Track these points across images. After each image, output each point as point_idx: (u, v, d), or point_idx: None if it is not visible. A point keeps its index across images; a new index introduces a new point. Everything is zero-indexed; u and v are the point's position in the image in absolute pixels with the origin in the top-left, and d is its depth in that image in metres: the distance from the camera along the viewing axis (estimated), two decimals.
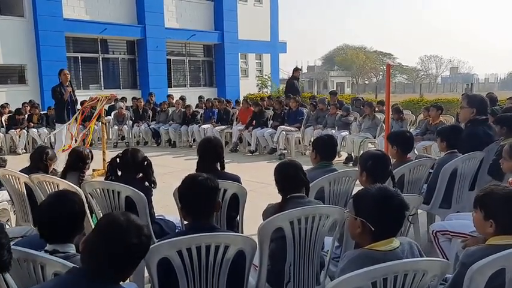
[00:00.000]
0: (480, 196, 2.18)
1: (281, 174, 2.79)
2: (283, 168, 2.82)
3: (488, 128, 4.39)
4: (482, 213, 2.13)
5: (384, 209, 1.89)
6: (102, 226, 1.69)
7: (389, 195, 1.93)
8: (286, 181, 2.75)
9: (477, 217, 2.17)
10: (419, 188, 4.02)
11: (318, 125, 9.41)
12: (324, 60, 65.81)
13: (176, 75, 18.80)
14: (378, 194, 1.93)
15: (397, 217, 1.92)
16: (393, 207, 1.90)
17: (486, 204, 2.13)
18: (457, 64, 68.22)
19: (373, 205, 1.91)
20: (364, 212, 1.92)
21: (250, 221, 3.46)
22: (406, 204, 1.95)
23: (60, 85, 8.03)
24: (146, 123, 11.62)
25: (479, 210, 2.15)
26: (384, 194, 1.93)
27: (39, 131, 10.66)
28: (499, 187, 2.17)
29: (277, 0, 21.71)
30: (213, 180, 2.37)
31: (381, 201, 1.90)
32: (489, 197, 2.13)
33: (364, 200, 1.95)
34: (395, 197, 1.92)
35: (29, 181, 3.74)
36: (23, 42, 14.00)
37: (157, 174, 3.43)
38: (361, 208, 1.95)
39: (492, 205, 2.10)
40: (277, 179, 2.80)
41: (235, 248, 2.19)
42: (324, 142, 3.65)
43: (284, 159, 2.98)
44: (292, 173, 2.75)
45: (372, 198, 1.92)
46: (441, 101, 13.04)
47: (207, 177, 2.37)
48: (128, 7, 16.45)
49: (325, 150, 3.60)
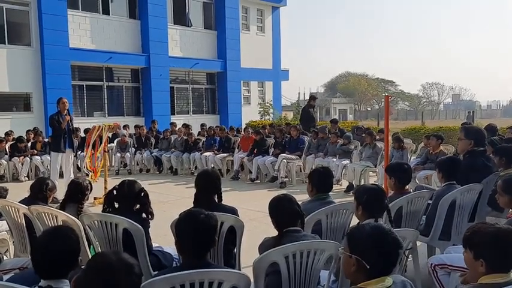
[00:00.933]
0: (468, 235, 2.15)
1: (275, 209, 2.79)
2: (277, 203, 2.82)
3: (486, 159, 4.41)
4: (471, 253, 2.11)
5: (378, 248, 1.89)
6: (93, 266, 1.70)
7: (384, 233, 1.93)
8: (280, 216, 2.75)
9: (467, 257, 2.15)
10: (418, 219, 4.00)
11: (319, 153, 9.44)
12: (326, 87, 66.45)
13: (179, 102, 19.02)
14: (373, 232, 1.93)
15: (392, 256, 1.91)
16: (387, 245, 1.90)
17: (475, 244, 2.10)
18: (459, 91, 68.68)
19: (367, 243, 1.90)
20: (358, 249, 1.91)
21: (251, 251, 3.44)
22: (401, 243, 1.95)
23: (59, 113, 8.03)
24: (148, 150, 11.69)
25: (469, 250, 2.13)
26: (378, 232, 1.93)
27: (42, 159, 10.72)
28: (486, 225, 2.15)
29: (279, 29, 22.15)
30: (213, 219, 2.37)
31: (376, 240, 1.90)
32: (477, 236, 2.10)
33: (359, 238, 1.94)
34: (390, 235, 1.92)
35: (28, 212, 3.76)
36: (29, 71, 14.27)
37: (158, 202, 3.46)
38: (355, 246, 1.94)
39: (480, 244, 2.07)
40: (272, 214, 2.81)
41: (229, 285, 2.18)
42: (319, 174, 3.66)
43: (278, 195, 2.97)
44: (287, 207, 2.76)
45: (367, 236, 1.92)
46: (443, 129, 13.11)
47: (207, 215, 2.36)
48: (133, 36, 16.80)
49: (320, 183, 3.60)
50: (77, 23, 15.37)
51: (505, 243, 2.03)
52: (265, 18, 21.51)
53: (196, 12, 18.98)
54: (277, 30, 21.95)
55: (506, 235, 2.05)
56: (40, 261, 2.06)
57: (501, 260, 2.04)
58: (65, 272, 2.09)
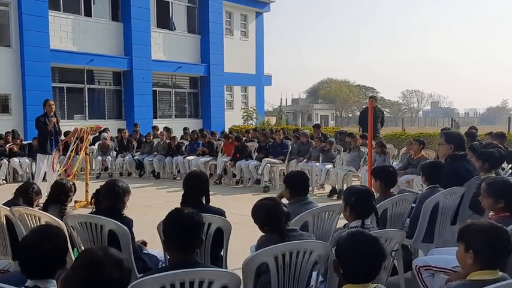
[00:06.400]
0: (463, 228, 2.26)
1: (262, 215, 2.76)
2: (264, 208, 2.79)
3: (467, 163, 4.50)
4: (463, 246, 2.20)
5: (355, 255, 1.97)
6: (80, 262, 1.67)
7: (362, 238, 2.03)
8: (268, 220, 2.73)
9: (459, 250, 2.24)
10: (402, 222, 4.06)
11: (300, 158, 9.49)
12: (308, 93, 66.95)
13: (162, 106, 18.87)
14: (350, 238, 2.03)
15: (370, 263, 1.98)
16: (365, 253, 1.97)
17: (467, 236, 2.20)
18: (438, 99, 70.10)
19: (345, 250, 2.00)
20: (339, 255, 2.02)
21: (235, 255, 3.44)
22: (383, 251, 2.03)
23: (45, 115, 8.00)
24: (130, 154, 11.56)
25: (461, 242, 2.22)
26: (355, 238, 2.03)
27: (20, 161, 10.49)
28: (481, 220, 2.27)
29: (263, 34, 22.23)
30: (198, 215, 2.37)
31: (352, 247, 1.99)
32: (471, 229, 2.20)
33: (338, 244, 2.05)
34: (368, 241, 2.01)
35: (9, 214, 3.67)
36: (8, 72, 13.95)
37: (141, 206, 3.42)
38: (336, 251, 2.04)
39: (471, 237, 2.17)
40: (258, 220, 2.78)
41: (219, 284, 2.17)
42: (293, 179, 3.67)
43: (260, 200, 2.93)
44: (274, 211, 2.74)
45: (343, 243, 2.02)
46: (423, 135, 13.36)
47: (192, 211, 2.36)
48: (115, 39, 16.61)
49: (296, 186, 3.59)
50: (58, 24, 15.12)
51: (495, 238, 2.10)
52: (249, 24, 21.58)
53: (180, 15, 18.91)
54: (260, 35, 22.03)
55: (498, 231, 2.13)
56: (27, 260, 2.01)
57: (489, 255, 2.10)
58: (52, 272, 2.05)
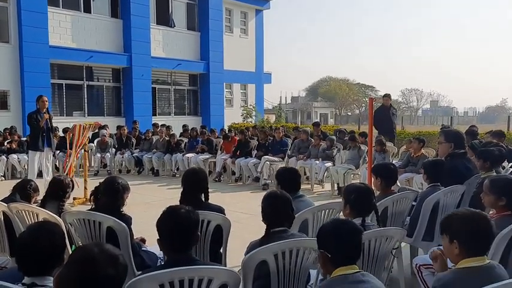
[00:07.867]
0: (442, 221, 2.27)
1: (270, 206, 2.75)
2: (273, 200, 2.78)
3: (467, 161, 4.48)
4: (447, 238, 2.19)
5: (337, 237, 2.04)
6: (74, 259, 1.64)
7: (341, 222, 2.19)
8: (273, 213, 2.72)
9: (444, 243, 2.23)
10: (403, 220, 4.04)
11: (299, 155, 9.47)
12: (308, 91, 66.91)
13: (161, 103, 18.84)
14: (331, 225, 2.12)
15: (352, 242, 2.05)
16: (346, 233, 2.04)
17: (449, 227, 2.20)
18: (437, 97, 70.07)
19: (327, 235, 2.08)
20: (322, 243, 2.09)
21: (234, 253, 3.41)
22: (359, 229, 2.12)
23: (37, 112, 7.87)
24: (129, 151, 11.53)
25: (445, 235, 2.21)
26: (336, 222, 2.16)
27: (19, 158, 10.46)
28: (460, 210, 2.30)
29: (263, 31, 22.20)
30: (194, 213, 2.34)
31: (334, 230, 2.07)
32: (451, 219, 2.20)
33: (320, 234, 2.13)
34: (348, 224, 2.13)
35: (7, 210, 3.65)
36: (7, 68, 13.92)
37: (140, 203, 3.40)
38: (320, 241, 2.11)
39: (453, 226, 2.17)
40: (265, 209, 2.77)
41: (218, 282, 2.15)
42: (284, 177, 3.66)
43: (274, 190, 2.94)
44: (281, 208, 2.73)
45: (325, 230, 2.11)
46: (422, 134, 13.37)
47: (187, 210, 2.33)
48: (114, 36, 16.57)
49: (287, 183, 3.57)
50: (58, 20, 15.08)
51: (476, 224, 2.12)
52: (249, 21, 21.53)
53: (180, 12, 18.86)
54: (260, 33, 21.99)
55: (477, 217, 2.15)
56: (24, 257, 1.99)
57: (473, 242, 2.11)
58: (50, 269, 2.02)
